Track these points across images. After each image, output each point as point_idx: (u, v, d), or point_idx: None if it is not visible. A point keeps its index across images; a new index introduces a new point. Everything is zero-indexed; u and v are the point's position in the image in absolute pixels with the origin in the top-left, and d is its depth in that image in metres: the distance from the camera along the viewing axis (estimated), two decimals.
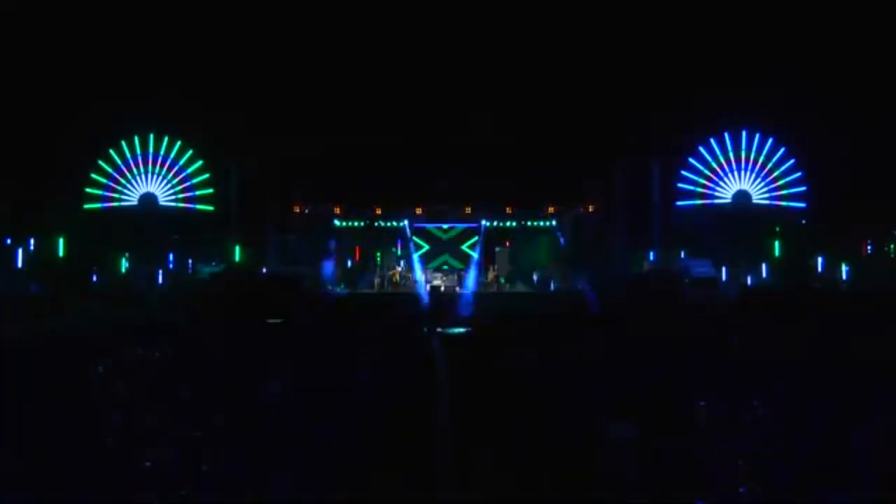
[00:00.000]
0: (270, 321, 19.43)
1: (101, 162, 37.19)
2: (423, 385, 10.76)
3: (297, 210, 34.60)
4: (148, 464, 6.15)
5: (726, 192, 37.59)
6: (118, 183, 37.39)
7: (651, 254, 34.15)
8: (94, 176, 37.21)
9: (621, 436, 6.85)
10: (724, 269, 33.59)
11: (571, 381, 10.13)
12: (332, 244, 34.62)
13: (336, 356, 12.70)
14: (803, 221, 37.46)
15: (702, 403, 8.32)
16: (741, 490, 5.81)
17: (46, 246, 32.50)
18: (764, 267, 34.66)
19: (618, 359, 12.05)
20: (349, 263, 35.30)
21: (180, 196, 37.59)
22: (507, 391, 10.53)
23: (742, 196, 37.40)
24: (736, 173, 37.49)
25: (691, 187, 37.45)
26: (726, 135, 37.53)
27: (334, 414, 8.11)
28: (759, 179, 37.43)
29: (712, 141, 37.57)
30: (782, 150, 37.31)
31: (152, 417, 7.75)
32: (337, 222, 34.49)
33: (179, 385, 9.61)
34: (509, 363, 12.55)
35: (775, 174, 37.33)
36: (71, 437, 6.97)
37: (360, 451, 7.41)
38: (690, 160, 37.59)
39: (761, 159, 37.35)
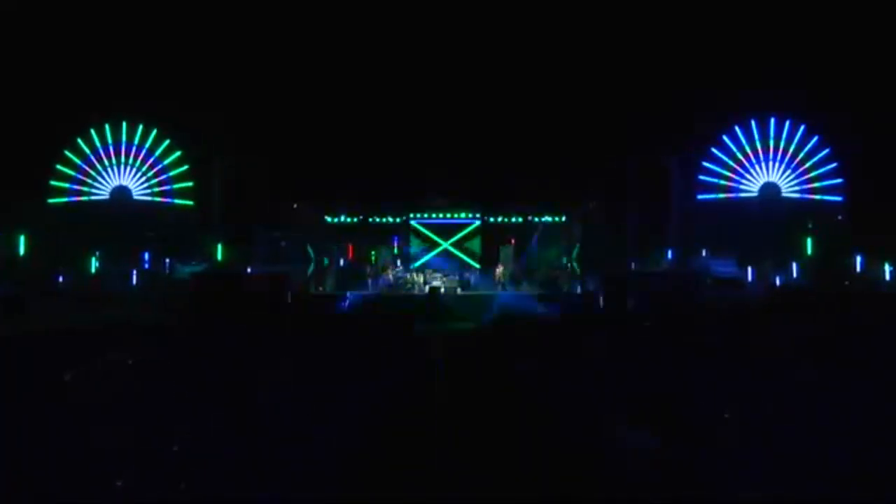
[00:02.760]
0: (255, 322, 19.45)
1: (67, 152, 37.22)
2: (421, 390, 10.77)
3: (286, 206, 34.51)
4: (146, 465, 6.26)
5: (753, 185, 37.53)
6: (87, 175, 37.41)
7: (669, 252, 34.04)
8: (59, 167, 37.26)
9: (639, 445, 6.88)
10: (749, 269, 33.50)
11: (581, 387, 10.14)
12: (323, 242, 34.57)
13: (327, 359, 12.69)
14: (839, 217, 37.41)
15: (725, 415, 8.34)
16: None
17: (7, 243, 32.47)
18: (794, 266, 34.57)
19: (630, 365, 12.03)
20: (341, 262, 35.25)
21: (156, 189, 37.64)
22: (507, 390, 10.53)
23: (770, 189, 37.36)
24: (763, 164, 37.41)
25: (714, 180, 37.39)
26: (753, 122, 37.46)
27: (324, 424, 8.15)
28: (789, 171, 37.35)
29: (737, 129, 37.51)
30: (815, 138, 37.23)
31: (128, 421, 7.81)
32: (329, 219, 34.38)
33: (147, 391, 9.65)
34: (513, 368, 12.53)
35: (807, 165, 37.25)
36: (41, 442, 7.05)
37: (359, 455, 7.46)
38: (713, 150, 37.53)
39: (792, 149, 37.26)
